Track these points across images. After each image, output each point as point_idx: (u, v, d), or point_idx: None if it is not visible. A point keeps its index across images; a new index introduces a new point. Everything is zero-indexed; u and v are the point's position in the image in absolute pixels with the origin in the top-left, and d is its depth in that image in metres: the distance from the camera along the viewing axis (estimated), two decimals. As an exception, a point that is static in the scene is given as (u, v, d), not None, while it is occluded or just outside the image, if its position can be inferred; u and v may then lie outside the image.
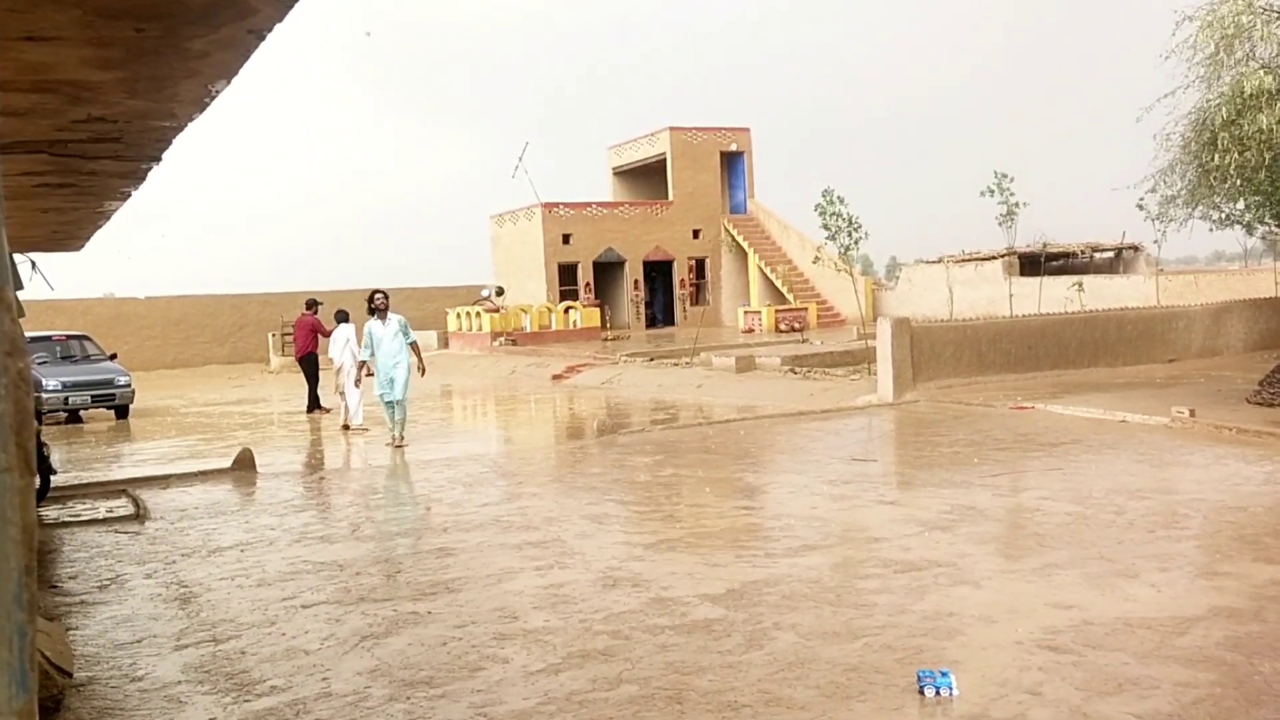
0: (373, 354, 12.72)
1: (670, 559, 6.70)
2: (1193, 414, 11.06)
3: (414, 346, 12.85)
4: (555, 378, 22.58)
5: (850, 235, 19.25)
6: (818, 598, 5.67)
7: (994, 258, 29.53)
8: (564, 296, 34.86)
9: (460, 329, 32.84)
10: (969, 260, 31.00)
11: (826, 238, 20.07)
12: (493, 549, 7.17)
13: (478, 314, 32.02)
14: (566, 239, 35.92)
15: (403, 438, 12.83)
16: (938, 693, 4.23)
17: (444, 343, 33.47)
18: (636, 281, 37.14)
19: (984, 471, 9.18)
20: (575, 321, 32.31)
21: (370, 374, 13.10)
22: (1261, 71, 9.57)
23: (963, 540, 6.81)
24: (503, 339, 30.38)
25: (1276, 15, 9.95)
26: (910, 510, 7.82)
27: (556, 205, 36.03)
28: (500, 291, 34.94)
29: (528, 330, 31.43)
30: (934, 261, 32.79)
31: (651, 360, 22.62)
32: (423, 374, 13.19)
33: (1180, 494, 7.98)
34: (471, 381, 24.24)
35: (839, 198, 19.23)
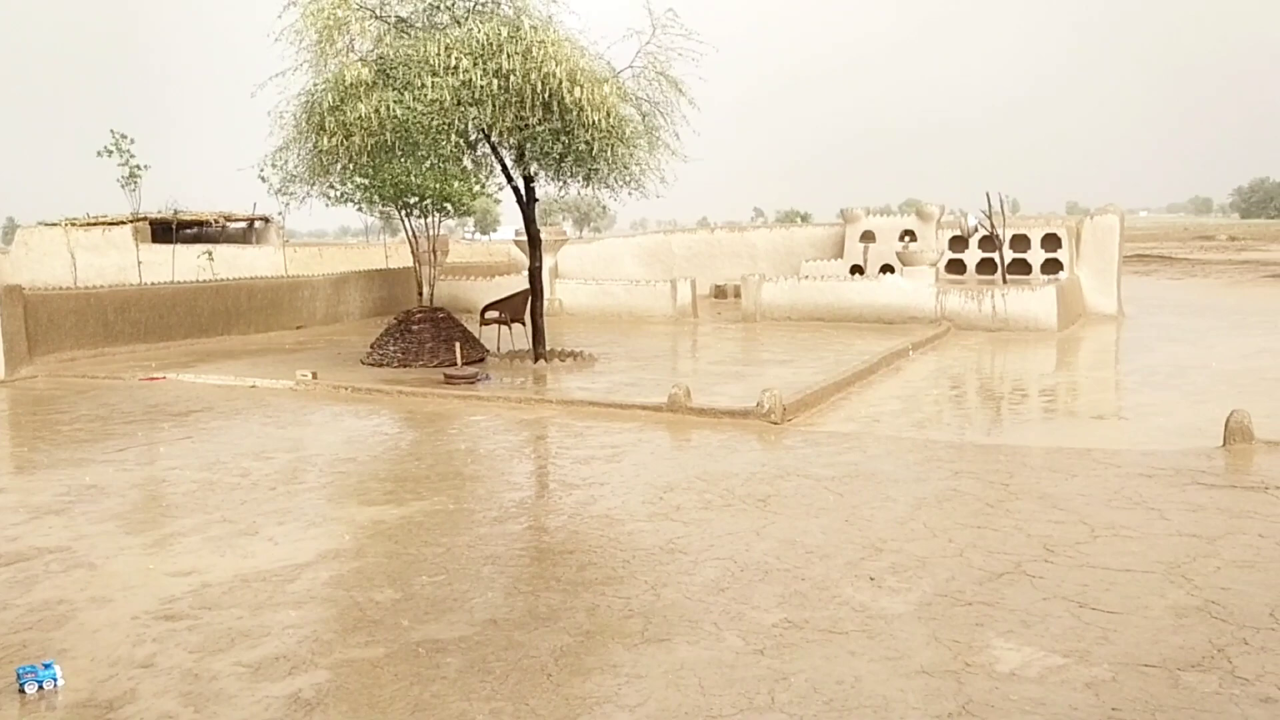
0: None
1: None
2: (315, 376, 11.92)
3: None
4: None
5: None
6: (-108, 613, 4.82)
7: (122, 223, 28.02)
8: None
9: None
10: (95, 225, 28.92)
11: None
12: None
13: None
14: None
15: None
16: (40, 686, 3.93)
17: None
18: None
19: (109, 447, 8.71)
20: None
21: None
22: (360, 63, 10.57)
23: (81, 521, 6.40)
24: None
25: (370, 13, 11.05)
26: (21, 496, 7.10)
27: None
28: None
29: None
30: (55, 224, 29.89)
31: None
32: None
33: (302, 451, 8.56)
34: None
35: None
